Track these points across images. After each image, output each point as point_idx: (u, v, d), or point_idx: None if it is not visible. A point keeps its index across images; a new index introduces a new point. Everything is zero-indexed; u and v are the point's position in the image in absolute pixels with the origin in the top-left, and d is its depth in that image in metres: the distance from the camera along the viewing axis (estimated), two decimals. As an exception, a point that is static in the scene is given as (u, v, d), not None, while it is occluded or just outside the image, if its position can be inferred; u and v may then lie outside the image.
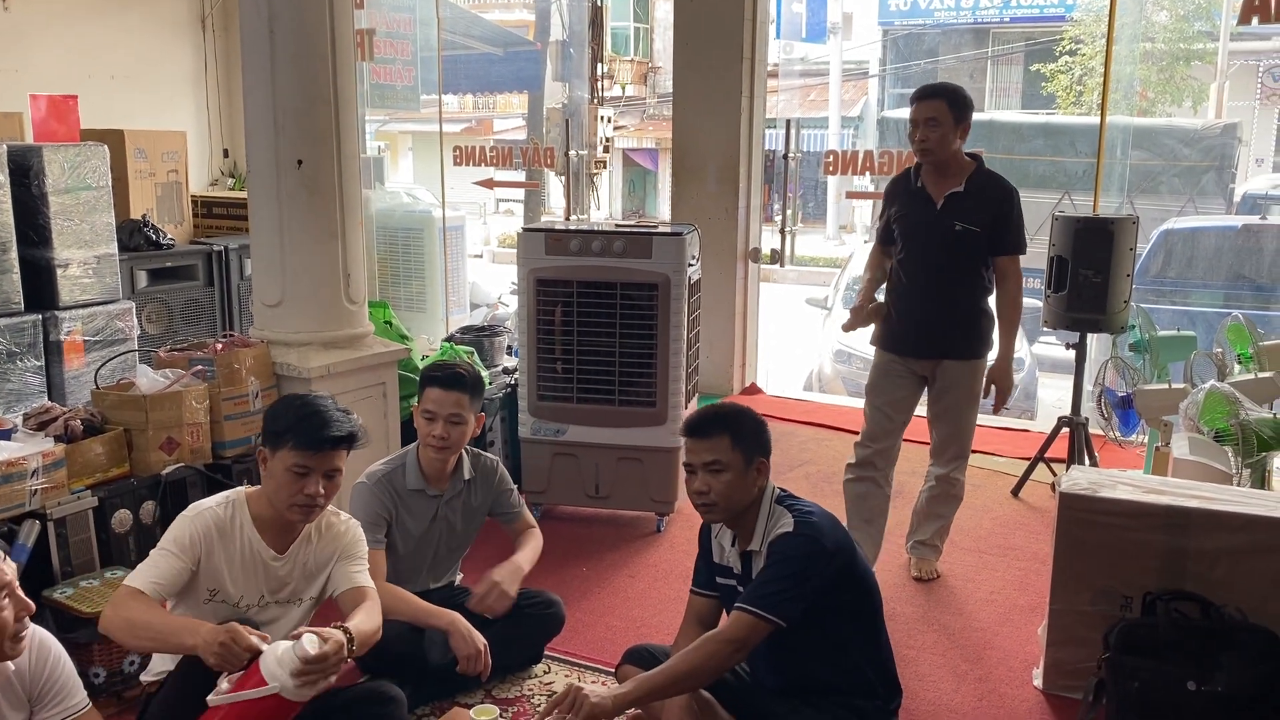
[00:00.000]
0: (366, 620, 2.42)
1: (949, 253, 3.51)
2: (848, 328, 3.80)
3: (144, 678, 2.57)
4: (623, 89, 18.18)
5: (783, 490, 2.60)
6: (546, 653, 3.21)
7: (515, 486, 3.29)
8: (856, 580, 2.54)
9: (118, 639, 2.32)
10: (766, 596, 2.41)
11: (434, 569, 3.21)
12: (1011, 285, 3.55)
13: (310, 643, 2.17)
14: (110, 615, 2.27)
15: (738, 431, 2.53)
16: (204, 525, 2.39)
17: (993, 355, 3.64)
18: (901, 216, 3.61)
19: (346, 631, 2.29)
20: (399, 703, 2.61)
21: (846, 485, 3.76)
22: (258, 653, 2.17)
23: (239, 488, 2.54)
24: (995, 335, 3.64)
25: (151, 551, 2.37)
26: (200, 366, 3.61)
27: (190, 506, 2.46)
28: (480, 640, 2.89)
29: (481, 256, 15.79)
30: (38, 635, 2.07)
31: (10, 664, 1.99)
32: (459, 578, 3.36)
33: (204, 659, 2.16)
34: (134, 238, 5.35)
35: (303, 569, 2.54)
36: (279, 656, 2.16)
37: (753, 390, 6.52)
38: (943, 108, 3.43)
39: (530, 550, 3.22)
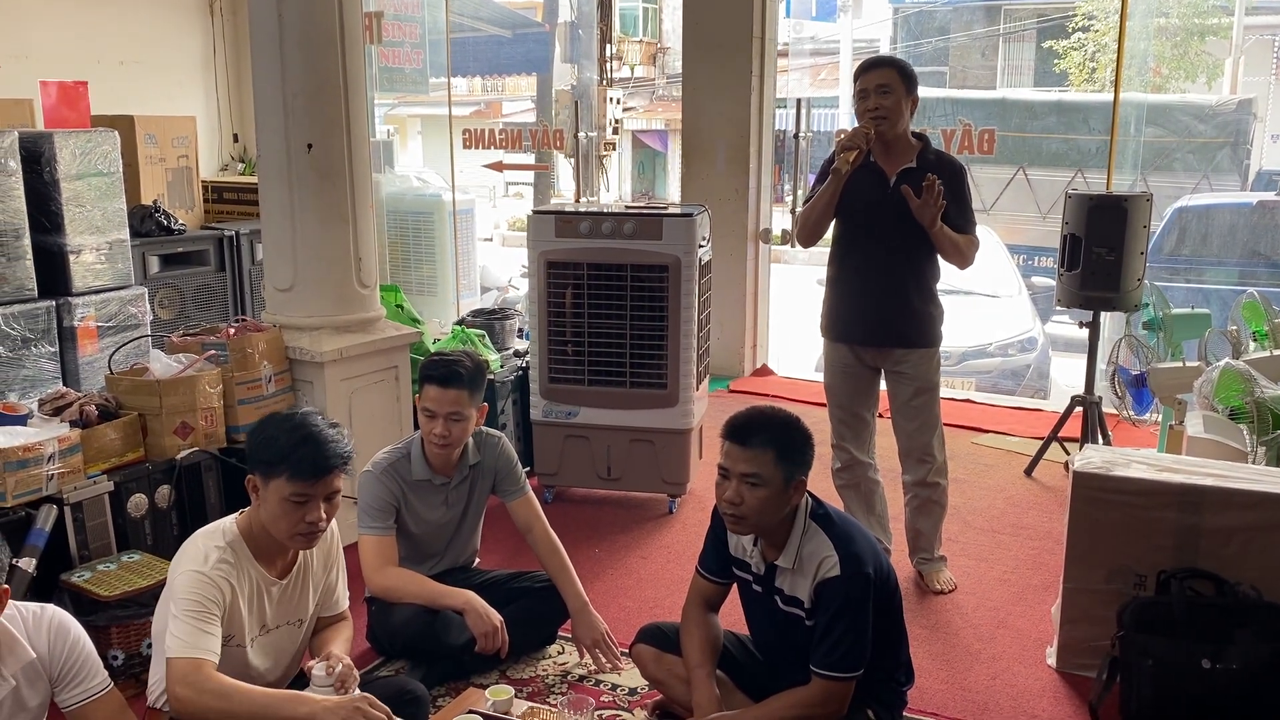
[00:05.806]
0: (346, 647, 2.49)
1: (903, 232, 3.37)
2: (843, 164, 3.35)
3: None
4: (631, 70, 18.06)
5: (816, 501, 2.50)
6: (560, 634, 3.22)
7: (518, 461, 3.24)
8: (890, 589, 2.53)
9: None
10: (844, 658, 2.37)
11: (450, 551, 3.22)
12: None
13: (320, 670, 2.25)
14: (192, 698, 2.10)
15: (785, 447, 2.38)
16: (220, 577, 2.24)
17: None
18: (851, 194, 3.41)
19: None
20: (423, 702, 2.55)
21: (839, 490, 3.68)
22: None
23: (226, 520, 2.36)
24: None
25: (181, 614, 2.18)
26: (213, 351, 3.62)
27: (195, 558, 2.25)
28: (496, 617, 2.90)
29: (491, 240, 15.78)
30: (56, 616, 2.08)
31: (29, 645, 2.01)
32: (476, 561, 3.37)
33: None
34: (145, 223, 5.37)
35: (302, 587, 2.46)
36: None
37: (764, 372, 6.52)
38: (894, 76, 3.33)
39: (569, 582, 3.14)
